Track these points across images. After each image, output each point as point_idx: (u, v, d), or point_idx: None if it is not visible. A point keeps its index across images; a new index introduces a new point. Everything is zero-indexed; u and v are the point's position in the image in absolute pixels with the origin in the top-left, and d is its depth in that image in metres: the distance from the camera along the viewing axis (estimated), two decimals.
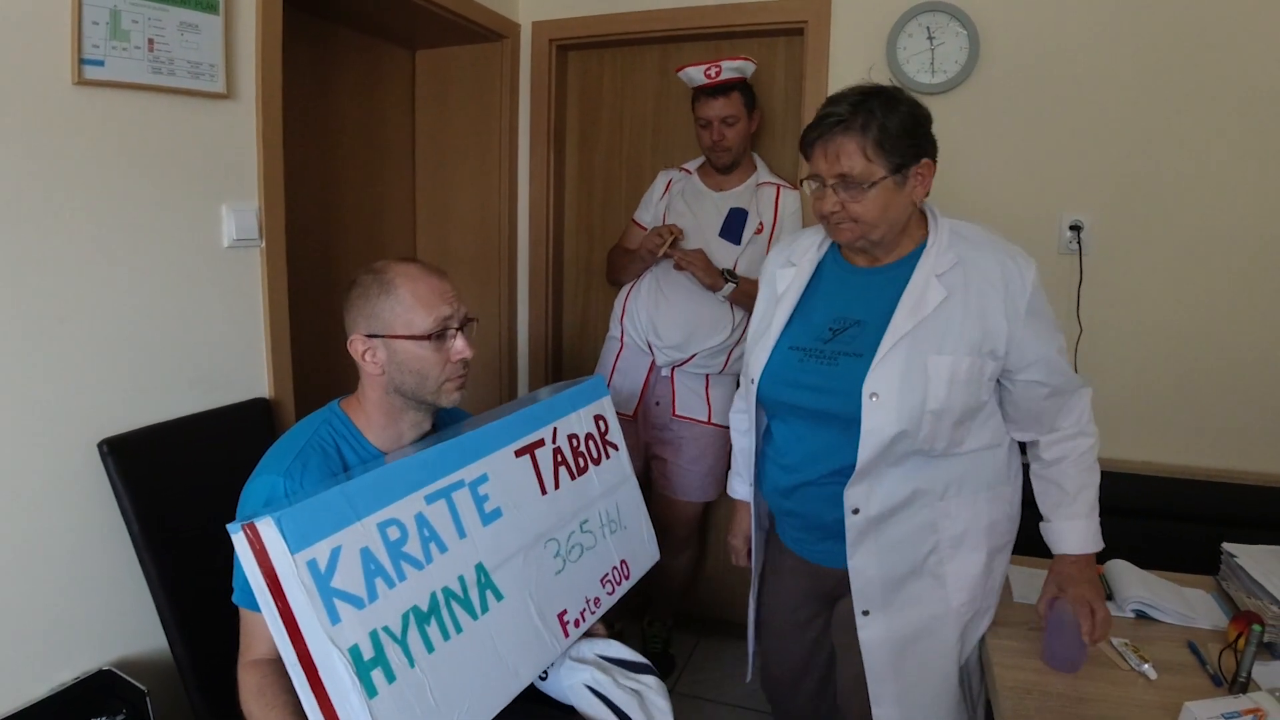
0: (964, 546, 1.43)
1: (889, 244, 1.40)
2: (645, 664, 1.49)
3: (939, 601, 1.43)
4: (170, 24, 1.52)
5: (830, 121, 1.32)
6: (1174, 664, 1.39)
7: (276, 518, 1.05)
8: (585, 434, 1.61)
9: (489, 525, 1.33)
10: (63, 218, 1.41)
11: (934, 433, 1.34)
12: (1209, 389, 2.23)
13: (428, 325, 1.31)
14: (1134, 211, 2.23)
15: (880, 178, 1.30)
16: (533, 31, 2.78)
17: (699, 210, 2.43)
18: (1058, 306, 2.28)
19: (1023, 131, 2.29)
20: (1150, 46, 2.16)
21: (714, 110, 2.30)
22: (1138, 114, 2.19)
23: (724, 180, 2.44)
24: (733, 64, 2.27)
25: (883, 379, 1.33)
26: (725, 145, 2.34)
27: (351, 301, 1.34)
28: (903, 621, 1.44)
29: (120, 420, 1.52)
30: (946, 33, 2.29)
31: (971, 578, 1.44)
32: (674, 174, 2.53)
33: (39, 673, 1.41)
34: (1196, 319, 2.22)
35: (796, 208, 2.41)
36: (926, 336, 1.33)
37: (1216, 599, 1.62)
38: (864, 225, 1.34)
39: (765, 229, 2.37)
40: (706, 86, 2.30)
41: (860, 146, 1.29)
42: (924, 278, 1.35)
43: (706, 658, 2.76)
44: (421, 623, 1.18)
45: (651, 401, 2.48)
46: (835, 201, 1.34)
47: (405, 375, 1.33)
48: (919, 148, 1.33)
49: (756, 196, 2.40)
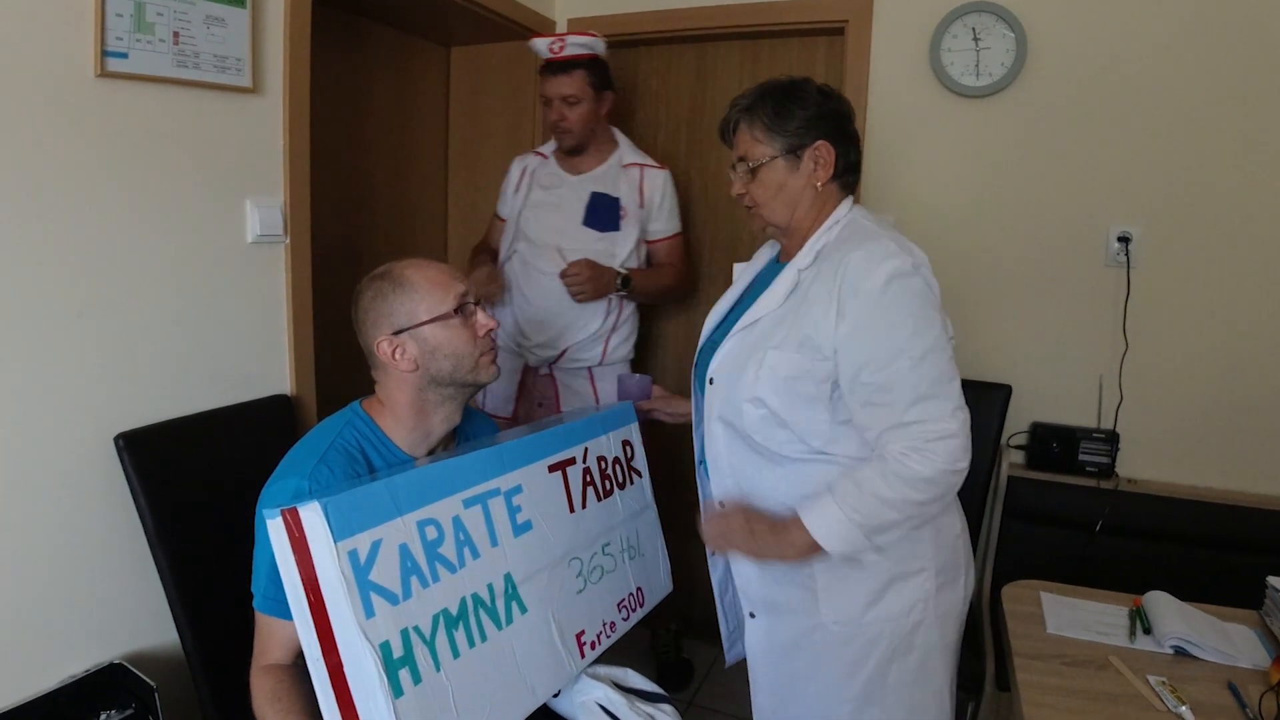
0: (838, 568, 1.34)
1: (795, 233, 1.40)
2: (661, 694, 1.46)
3: (810, 615, 1.39)
4: (196, 17, 1.52)
5: (735, 110, 1.40)
6: (1213, 706, 1.32)
7: (323, 504, 1.04)
8: (613, 457, 1.61)
9: (520, 536, 1.33)
10: (83, 211, 1.41)
11: (758, 424, 1.34)
12: (1261, 411, 2.13)
13: (450, 303, 1.33)
14: (1185, 224, 2.14)
15: (770, 157, 1.36)
16: (569, 29, 2.75)
17: (558, 200, 2.29)
18: (1103, 321, 2.21)
19: (1070, 139, 2.21)
20: (1205, 53, 2.07)
21: (553, 88, 2.18)
22: (1191, 123, 2.10)
23: (580, 163, 2.31)
24: (579, 39, 2.16)
25: (720, 364, 1.40)
26: (566, 126, 2.22)
27: (365, 309, 1.33)
28: (780, 628, 1.44)
29: (138, 414, 1.52)
30: (993, 34, 2.21)
31: (846, 599, 1.36)
32: (528, 159, 2.39)
33: (50, 664, 1.41)
34: (1249, 338, 2.13)
35: (660, 185, 2.30)
36: (768, 329, 1.35)
37: (1260, 635, 1.53)
38: (762, 208, 1.40)
39: (630, 213, 2.27)
40: (550, 62, 2.18)
41: (750, 130, 1.37)
42: (788, 273, 1.37)
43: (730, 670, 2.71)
44: (450, 627, 1.17)
45: (533, 403, 2.38)
46: (740, 185, 1.41)
47: (442, 360, 1.32)
48: (815, 130, 1.35)
49: (619, 178, 2.28)
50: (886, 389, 1.24)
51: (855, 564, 1.34)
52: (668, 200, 2.33)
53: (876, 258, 1.25)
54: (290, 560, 1.05)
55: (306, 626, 1.07)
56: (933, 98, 2.32)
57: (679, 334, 2.92)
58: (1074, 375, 2.27)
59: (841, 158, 1.36)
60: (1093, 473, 2.19)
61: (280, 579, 1.08)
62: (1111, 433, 2.20)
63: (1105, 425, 2.23)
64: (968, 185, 2.32)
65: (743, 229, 2.72)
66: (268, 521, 1.06)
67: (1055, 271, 2.26)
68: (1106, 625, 1.57)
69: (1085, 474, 2.19)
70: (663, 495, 1.74)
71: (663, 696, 1.46)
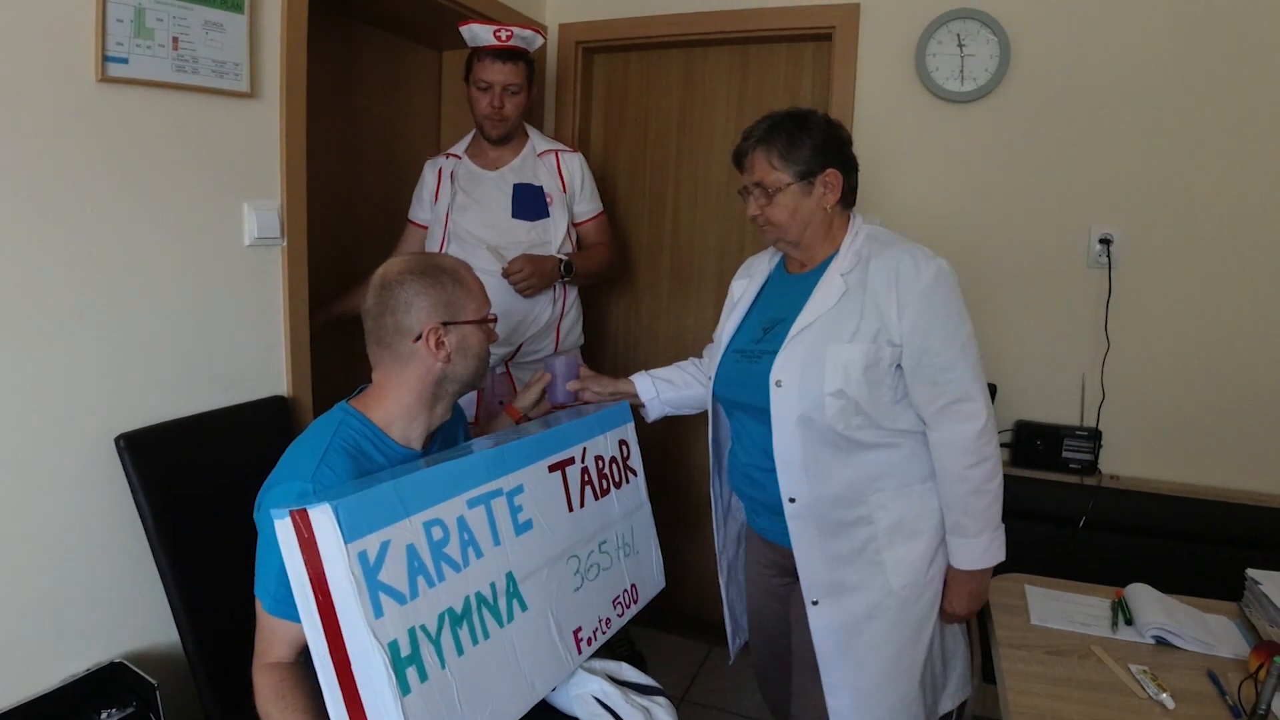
0: (900, 534, 1.52)
1: (809, 247, 1.57)
2: (656, 686, 1.49)
3: (880, 587, 1.52)
4: (195, 22, 1.54)
5: (750, 140, 1.55)
6: (1193, 693, 1.36)
7: (334, 506, 1.05)
8: (610, 457, 1.64)
9: (521, 535, 1.36)
10: (83, 214, 1.43)
11: (839, 415, 1.46)
12: (1239, 409, 2.18)
13: (486, 311, 1.43)
14: (1166, 226, 2.18)
15: (786, 184, 1.51)
16: (559, 34, 2.78)
17: (482, 197, 2.27)
18: (1085, 321, 2.25)
19: (1053, 142, 2.25)
20: (1184, 57, 2.12)
21: (500, 74, 2.17)
22: (1171, 126, 2.15)
23: (497, 157, 2.31)
24: (526, 33, 2.18)
25: (784, 367, 1.49)
26: (504, 114, 2.21)
27: (418, 293, 1.35)
28: (849, 606, 1.53)
29: (137, 415, 1.53)
30: (977, 40, 2.26)
31: (910, 564, 1.52)
32: (442, 161, 2.35)
33: (51, 662, 1.42)
34: (1228, 338, 2.17)
35: (577, 167, 2.34)
36: (827, 328, 1.48)
37: (1239, 626, 1.57)
38: (778, 227, 1.55)
39: (555, 198, 2.29)
40: (494, 48, 2.17)
41: (767, 158, 1.52)
42: (831, 276, 1.51)
43: (720, 666, 2.74)
44: (455, 625, 1.19)
45: (493, 402, 2.38)
46: (755, 206, 1.56)
47: (469, 360, 1.39)
48: (824, 159, 1.51)
49: (537, 166, 2.31)
50: (948, 368, 1.45)
51: (915, 532, 1.52)
52: (587, 181, 2.36)
53: (922, 260, 1.46)
54: (299, 560, 1.07)
55: (314, 625, 1.08)
56: (918, 103, 2.35)
57: (623, 316, 2.99)
58: (1057, 374, 2.31)
59: (846, 182, 1.54)
60: (1076, 469, 2.23)
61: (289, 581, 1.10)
62: (1094, 430, 2.24)
63: (1088, 423, 2.27)
64: (952, 188, 2.36)
65: (730, 232, 2.76)
66: (276, 522, 1.07)
67: (1039, 273, 2.30)
68: (1089, 616, 1.60)
69: (1068, 471, 2.23)
70: (656, 493, 1.77)
71: (657, 689, 1.48)
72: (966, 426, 1.46)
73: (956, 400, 1.46)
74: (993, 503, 1.49)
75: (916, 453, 1.52)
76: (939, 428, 1.48)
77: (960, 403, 1.46)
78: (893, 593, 1.52)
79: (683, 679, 2.67)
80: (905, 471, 1.51)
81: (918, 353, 1.45)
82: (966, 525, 1.49)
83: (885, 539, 1.52)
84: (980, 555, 1.49)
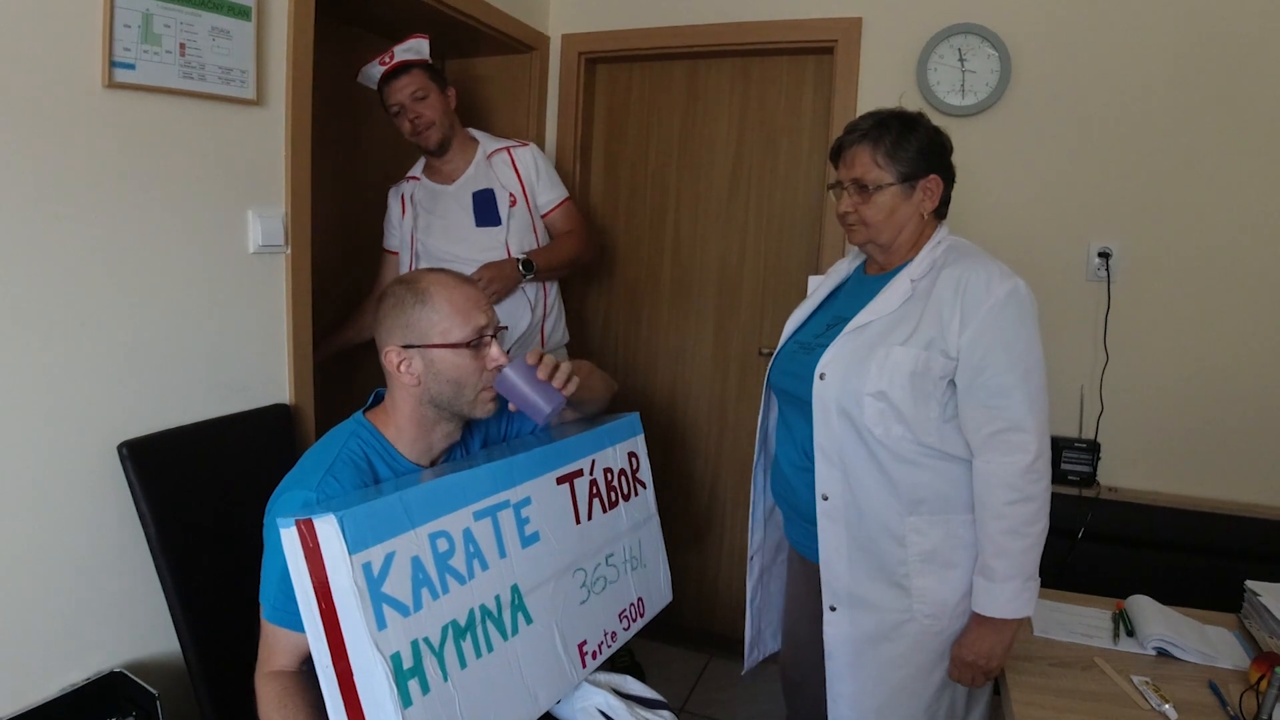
0: (933, 563, 1.45)
1: (895, 251, 1.52)
2: (660, 700, 1.48)
3: (902, 610, 1.47)
4: (202, 29, 1.54)
5: (854, 134, 1.49)
6: (1195, 704, 1.36)
7: (339, 517, 1.05)
8: (619, 469, 1.63)
9: (527, 548, 1.35)
10: (88, 219, 1.42)
11: (878, 418, 1.41)
12: (1237, 421, 2.19)
13: (465, 334, 1.30)
14: (1164, 240, 2.20)
15: (887, 184, 1.46)
16: (562, 44, 2.79)
17: (444, 213, 2.28)
18: (1084, 334, 2.26)
19: (1052, 156, 2.27)
20: (1183, 72, 2.14)
21: (399, 91, 2.18)
22: (1169, 141, 2.17)
23: (452, 170, 2.30)
24: (404, 46, 2.19)
25: (831, 360, 1.46)
26: (426, 122, 2.20)
27: (385, 314, 1.33)
28: (866, 622, 1.49)
29: (140, 423, 1.52)
30: (978, 55, 2.27)
31: (940, 596, 1.46)
32: (404, 186, 2.37)
33: (51, 672, 1.41)
34: (1226, 351, 2.19)
35: (531, 159, 2.32)
36: (883, 329, 1.44)
37: (1239, 638, 1.58)
38: (871, 228, 1.49)
39: (518, 197, 2.27)
40: (386, 73, 2.19)
41: (872, 155, 1.46)
42: (900, 280, 1.47)
43: (719, 677, 2.74)
44: (458, 637, 1.18)
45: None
46: (850, 203, 1.49)
47: (442, 385, 1.31)
48: (928, 164, 1.47)
49: (491, 168, 2.30)
50: (1004, 393, 1.37)
51: (949, 563, 1.45)
52: (544, 170, 2.34)
53: (997, 277, 1.40)
54: (303, 569, 1.06)
55: (317, 635, 1.08)
56: None
57: (623, 326, 2.99)
58: (1056, 386, 2.30)
59: (945, 191, 1.50)
60: (1075, 481, 2.24)
61: (291, 590, 1.09)
62: (1093, 443, 2.25)
63: (1087, 435, 2.28)
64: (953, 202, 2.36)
65: (731, 243, 2.77)
66: (281, 530, 1.07)
67: (1038, 286, 2.23)
68: (1091, 628, 1.61)
69: (1067, 483, 2.24)
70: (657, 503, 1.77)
71: (661, 703, 1.47)
72: (1014, 459, 1.36)
73: (1007, 429, 1.37)
74: (1030, 549, 1.37)
75: (961, 481, 1.43)
76: (984, 455, 1.39)
77: (1011, 432, 1.36)
78: (914, 618, 1.47)
79: (681, 690, 2.66)
80: (947, 499, 1.44)
81: (973, 371, 1.38)
82: (995, 568, 1.38)
83: (916, 564, 1.45)
84: (1004, 603, 1.38)
